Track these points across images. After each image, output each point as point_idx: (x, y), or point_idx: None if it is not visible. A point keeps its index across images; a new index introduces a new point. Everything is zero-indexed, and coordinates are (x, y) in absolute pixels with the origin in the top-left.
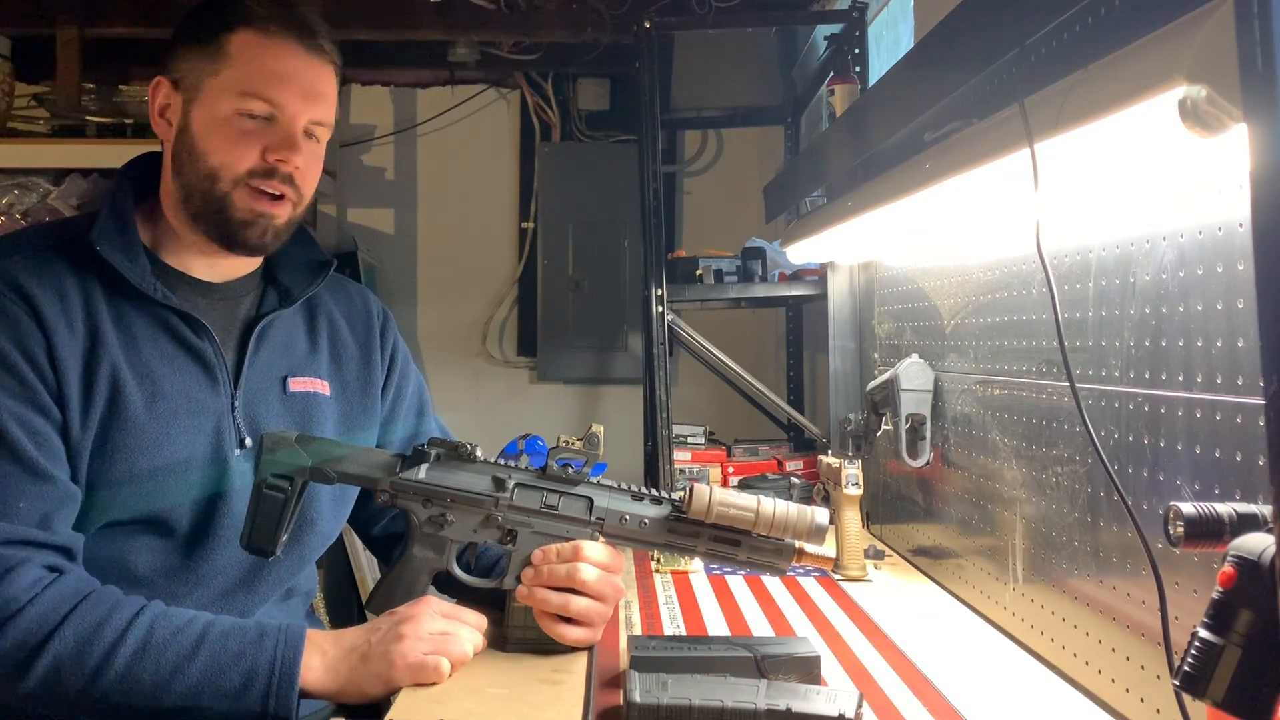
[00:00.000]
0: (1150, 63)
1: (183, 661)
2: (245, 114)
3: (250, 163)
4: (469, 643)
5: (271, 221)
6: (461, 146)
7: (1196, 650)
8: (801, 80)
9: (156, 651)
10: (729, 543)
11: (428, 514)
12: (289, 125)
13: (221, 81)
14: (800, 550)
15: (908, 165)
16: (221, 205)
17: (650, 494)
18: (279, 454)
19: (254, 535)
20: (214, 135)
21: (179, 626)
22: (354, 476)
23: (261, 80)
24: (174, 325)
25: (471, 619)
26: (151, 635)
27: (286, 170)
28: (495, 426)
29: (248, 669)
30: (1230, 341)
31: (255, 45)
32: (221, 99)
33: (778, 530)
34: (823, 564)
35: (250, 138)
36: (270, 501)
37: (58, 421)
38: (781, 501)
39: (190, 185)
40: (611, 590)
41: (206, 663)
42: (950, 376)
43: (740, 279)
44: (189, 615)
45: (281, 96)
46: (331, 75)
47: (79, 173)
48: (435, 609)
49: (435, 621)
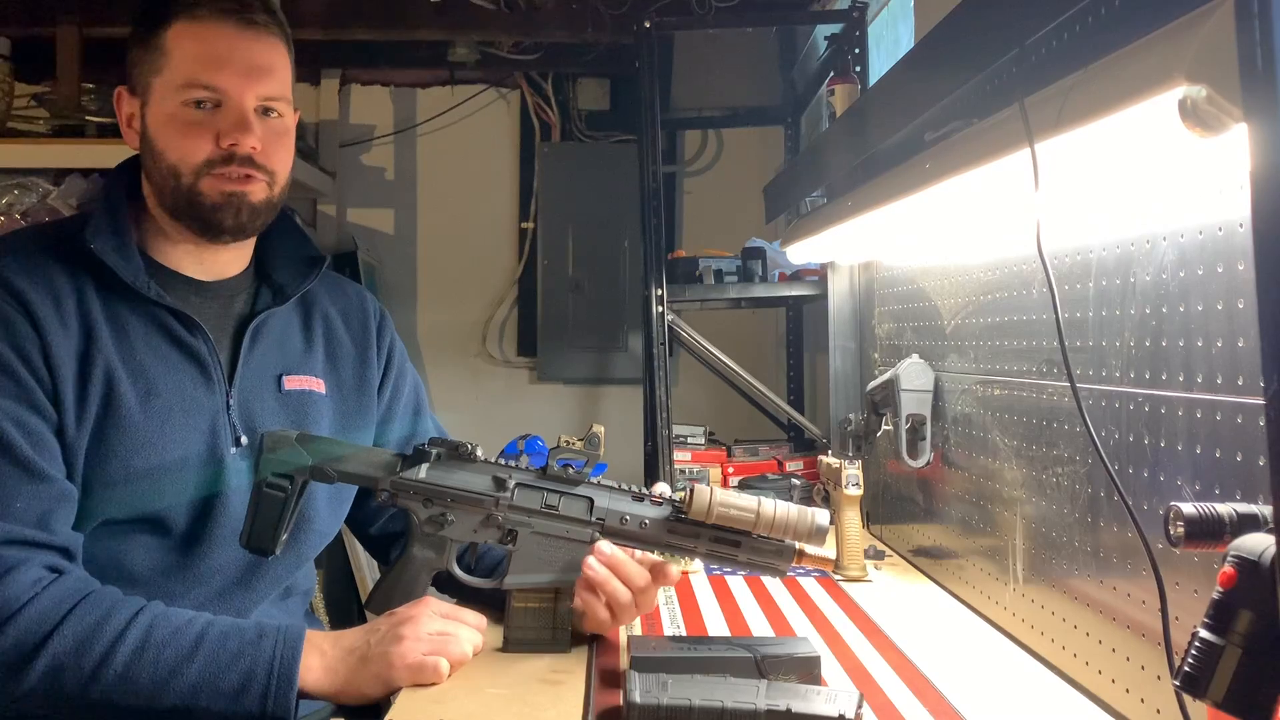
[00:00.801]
0: (1150, 63)
1: (181, 662)
2: (191, 104)
3: (206, 153)
4: (468, 643)
5: (245, 199)
6: (461, 146)
7: (1197, 650)
8: (801, 80)
9: (155, 651)
10: (729, 544)
11: (428, 514)
12: (236, 107)
13: (165, 79)
14: (800, 551)
15: (908, 165)
16: (190, 197)
17: (651, 494)
18: (280, 453)
19: (254, 535)
20: (166, 131)
21: (178, 626)
22: (355, 476)
23: (199, 67)
24: (168, 324)
25: (471, 619)
26: (150, 635)
27: (244, 153)
28: (495, 426)
29: (246, 669)
30: (1230, 341)
31: (189, 34)
32: (167, 95)
33: (778, 531)
34: (823, 565)
35: (200, 127)
36: (270, 501)
37: (53, 421)
38: (782, 503)
39: (160, 185)
40: (647, 602)
41: (205, 663)
42: (950, 376)
43: (740, 279)
44: (188, 615)
45: (221, 80)
46: (276, 46)
47: (79, 173)
48: (434, 609)
49: (434, 622)
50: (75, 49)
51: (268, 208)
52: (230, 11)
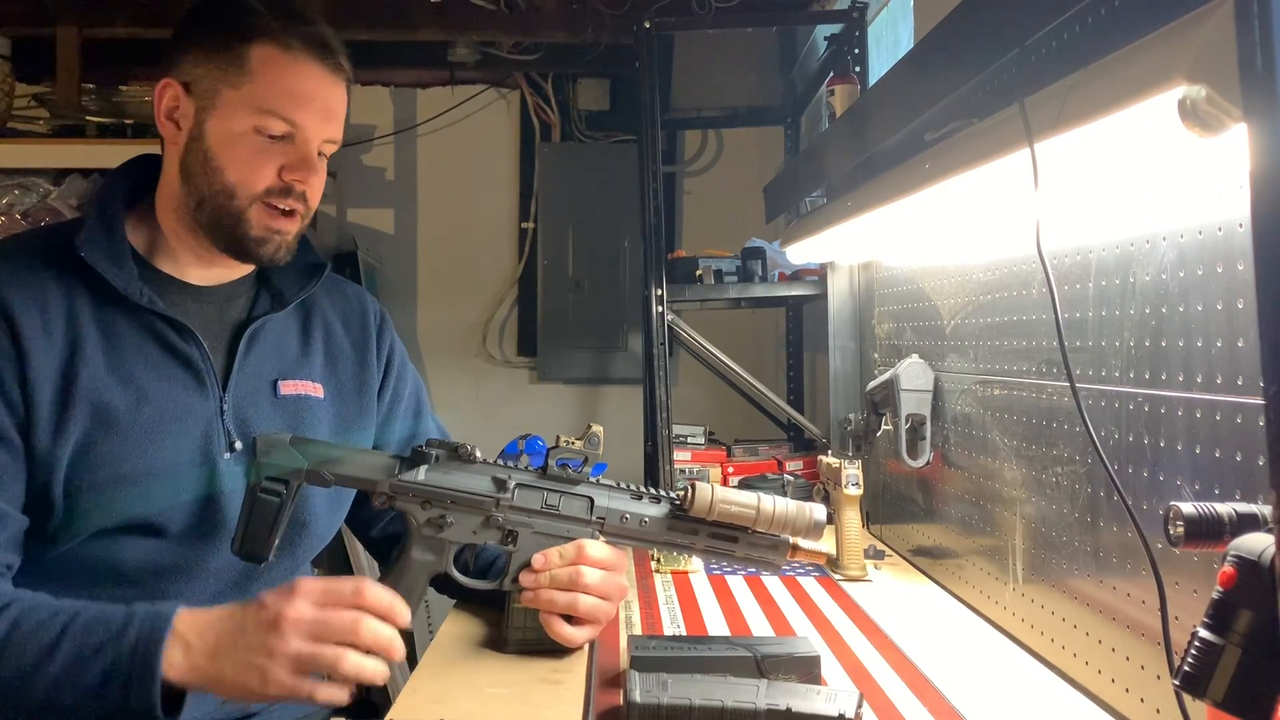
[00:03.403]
0: (1150, 63)
1: (44, 656)
2: (263, 132)
3: (268, 182)
4: (359, 664)
5: (285, 238)
6: (461, 146)
7: (1196, 650)
8: (801, 80)
9: (18, 647)
10: (727, 539)
11: (427, 516)
12: (306, 145)
13: (242, 96)
14: (795, 546)
15: (908, 165)
16: (237, 221)
17: (650, 493)
18: (274, 456)
19: (246, 540)
20: (231, 150)
21: (43, 619)
22: (351, 479)
23: (283, 100)
24: (160, 330)
25: (348, 621)
26: (15, 629)
27: (302, 189)
28: (495, 426)
29: (108, 662)
30: (1230, 341)
31: (277, 62)
32: (240, 113)
33: (777, 527)
34: (816, 559)
35: (268, 156)
36: (264, 505)
37: (10, 441)
38: (780, 499)
39: (202, 195)
40: (615, 589)
41: (68, 656)
42: (950, 376)
43: (740, 279)
44: (56, 607)
45: (302, 118)
46: (345, 93)
47: (79, 173)
48: (302, 615)
49: (299, 638)
50: (75, 49)
51: (296, 241)
52: (319, 51)
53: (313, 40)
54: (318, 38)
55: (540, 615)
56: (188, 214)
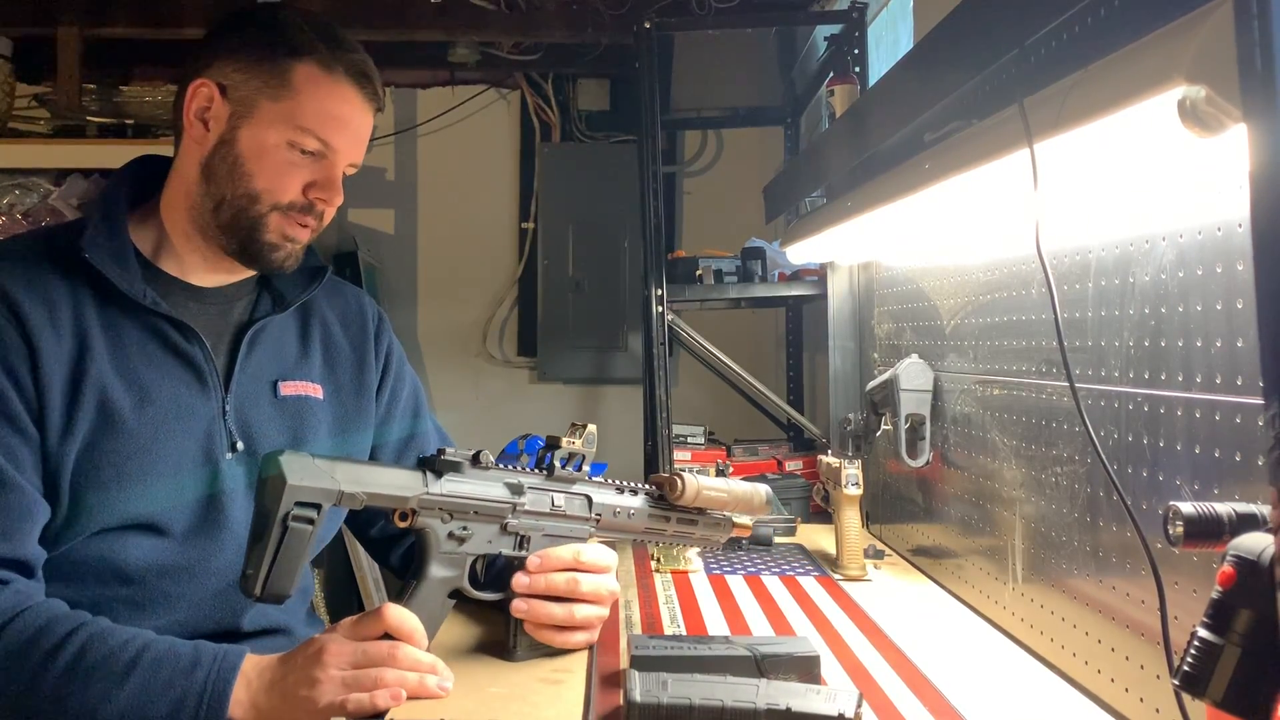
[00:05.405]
0: (1150, 63)
1: (112, 687)
2: (297, 146)
3: (292, 195)
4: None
5: (296, 246)
6: (461, 147)
7: (1196, 650)
8: (801, 80)
9: (86, 675)
10: (689, 522)
11: (448, 529)
12: (334, 167)
13: (280, 109)
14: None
15: (908, 165)
16: (254, 225)
17: (628, 486)
18: (306, 478)
19: (273, 580)
20: (261, 159)
21: (113, 649)
22: (384, 497)
23: (321, 120)
24: (164, 331)
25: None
26: (83, 657)
27: (323, 209)
28: (495, 426)
29: (177, 699)
30: (1230, 341)
31: (320, 83)
32: (276, 125)
33: (742, 507)
34: (744, 533)
35: (297, 170)
36: (298, 537)
37: (30, 435)
38: (736, 481)
39: (224, 196)
40: (609, 593)
41: (136, 690)
42: (950, 376)
43: (740, 279)
44: (126, 636)
45: (336, 140)
46: (373, 121)
47: (79, 173)
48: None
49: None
50: (76, 49)
51: (304, 249)
52: (360, 79)
53: (355, 67)
54: (359, 66)
55: (529, 630)
56: (202, 213)
